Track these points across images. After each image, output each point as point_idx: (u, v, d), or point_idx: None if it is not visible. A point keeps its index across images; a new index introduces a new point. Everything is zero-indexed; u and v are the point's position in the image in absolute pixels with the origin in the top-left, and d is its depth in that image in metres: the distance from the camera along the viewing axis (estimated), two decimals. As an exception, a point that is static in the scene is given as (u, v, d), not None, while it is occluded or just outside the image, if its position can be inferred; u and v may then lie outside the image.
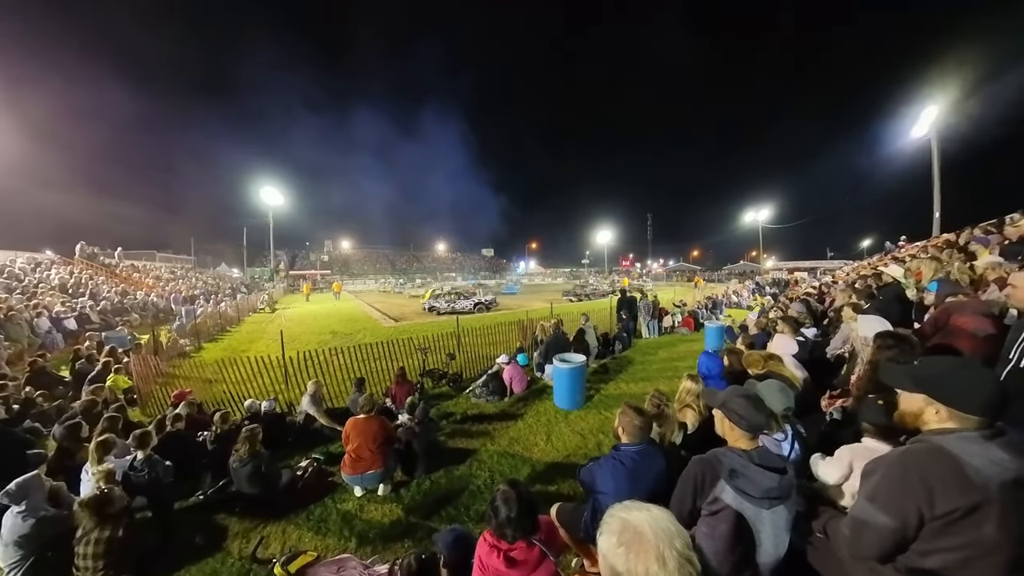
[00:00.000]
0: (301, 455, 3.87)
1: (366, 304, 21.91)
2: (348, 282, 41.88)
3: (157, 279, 19.99)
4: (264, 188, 35.43)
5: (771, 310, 8.76)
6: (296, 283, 38.92)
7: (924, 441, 1.14)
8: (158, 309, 14.64)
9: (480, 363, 6.95)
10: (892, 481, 1.11)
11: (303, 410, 4.44)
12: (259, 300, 20.36)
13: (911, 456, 1.12)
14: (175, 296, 16.59)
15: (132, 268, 20.43)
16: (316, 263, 52.72)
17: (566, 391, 5.19)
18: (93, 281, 14.75)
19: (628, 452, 1.92)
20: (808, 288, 12.01)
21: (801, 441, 1.97)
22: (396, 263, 64.28)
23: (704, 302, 14.06)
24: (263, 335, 11.90)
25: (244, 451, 3.09)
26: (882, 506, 1.11)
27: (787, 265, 47.27)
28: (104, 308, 12.15)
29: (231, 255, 43.55)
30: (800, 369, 3.06)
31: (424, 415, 3.90)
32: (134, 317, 12.69)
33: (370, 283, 42.89)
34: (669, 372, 6.66)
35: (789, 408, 2.07)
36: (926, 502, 1.04)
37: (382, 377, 5.94)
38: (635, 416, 1.96)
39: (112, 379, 5.48)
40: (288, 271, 47.53)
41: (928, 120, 17.23)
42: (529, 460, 3.78)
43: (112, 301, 13.06)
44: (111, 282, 15.98)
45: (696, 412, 2.79)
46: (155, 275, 20.85)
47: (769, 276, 30.36)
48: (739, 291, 19.60)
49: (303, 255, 57.99)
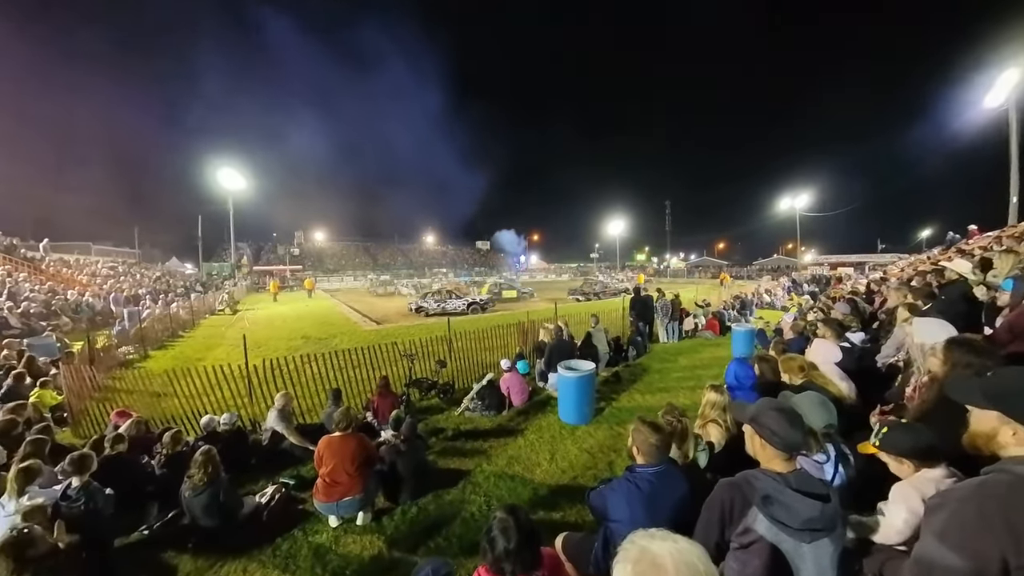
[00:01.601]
0: (267, 480, 3.88)
1: (343, 304, 21.96)
2: (322, 279, 41.82)
3: (93, 276, 19.96)
4: (222, 169, 34.94)
5: (810, 311, 8.83)
6: (261, 280, 38.85)
7: (1005, 471, 1.12)
8: (95, 311, 14.58)
9: (474, 371, 6.99)
10: (967, 519, 1.08)
11: (269, 427, 4.45)
12: (217, 300, 20.32)
13: (989, 489, 1.09)
14: (115, 296, 16.50)
15: (62, 263, 20.39)
16: (285, 257, 52.64)
17: (572, 403, 5.23)
18: (12, 279, 14.71)
19: (644, 474, 1.93)
20: (855, 286, 12.06)
21: (846, 464, 1.97)
22: (378, 257, 64.41)
23: (731, 302, 14.09)
24: (222, 341, 11.90)
25: (199, 477, 3.09)
26: (955, 547, 1.07)
27: (829, 259, 47.42)
28: (27, 311, 12.09)
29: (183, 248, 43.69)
30: (845, 380, 3.07)
31: (410, 431, 3.93)
32: (64, 321, 12.65)
33: (348, 280, 42.93)
34: (691, 382, 6.70)
35: (831, 425, 2.08)
36: (1012, 547, 1.00)
37: (362, 388, 5.96)
38: (651, 433, 1.96)
39: (37, 394, 5.46)
40: (252, 266, 47.42)
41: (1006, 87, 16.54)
42: (530, 482, 3.80)
43: (37, 302, 13.00)
44: (35, 280, 15.94)
45: (723, 428, 2.80)
46: (90, 271, 20.82)
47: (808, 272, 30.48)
48: (772, 289, 19.63)
49: (269, 248, 57.84)
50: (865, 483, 1.94)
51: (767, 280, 28.79)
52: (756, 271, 48.03)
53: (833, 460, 1.93)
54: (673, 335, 10.44)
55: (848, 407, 2.74)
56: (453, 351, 7.14)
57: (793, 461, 1.46)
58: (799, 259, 46.68)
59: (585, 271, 57.16)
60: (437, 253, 73.13)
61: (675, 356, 8.75)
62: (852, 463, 1.99)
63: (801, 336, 5.32)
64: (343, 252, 64.04)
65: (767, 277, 34.61)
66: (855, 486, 1.93)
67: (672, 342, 10.27)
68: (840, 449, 2.00)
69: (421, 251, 72.41)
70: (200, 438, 4.24)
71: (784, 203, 45.21)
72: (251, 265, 47.79)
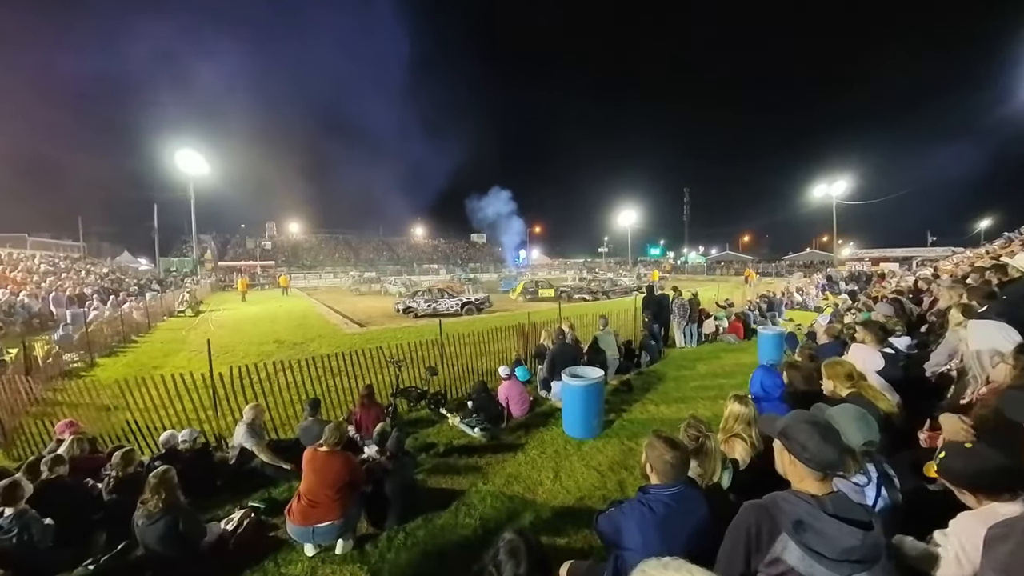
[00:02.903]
0: (234, 504, 3.88)
1: (322, 304, 22.03)
2: (298, 276, 41.98)
3: (29, 273, 19.85)
4: (181, 151, 34.84)
5: (848, 312, 8.86)
6: (228, 278, 38.97)
7: None
8: (31, 313, 14.51)
9: (469, 379, 7.05)
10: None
11: (238, 444, 4.46)
12: (177, 300, 20.32)
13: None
14: (56, 296, 16.48)
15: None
16: (255, 251, 52.82)
17: (579, 415, 5.27)
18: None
19: (659, 496, 1.93)
20: (900, 284, 12.09)
21: (890, 487, 1.98)
22: (361, 252, 64.57)
23: (757, 302, 14.15)
24: (183, 346, 11.93)
25: (154, 502, 3.07)
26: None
27: (870, 254, 47.62)
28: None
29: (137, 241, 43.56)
30: (888, 391, 3.08)
31: (397, 447, 3.94)
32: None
33: (327, 277, 43.11)
34: (711, 391, 6.75)
35: (872, 442, 2.07)
36: None
37: (343, 398, 6.01)
38: (666, 449, 1.96)
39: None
40: (217, 262, 47.54)
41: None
42: (532, 504, 3.83)
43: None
44: (-42, 278, 15.86)
45: (747, 444, 2.81)
46: (26, 267, 20.72)
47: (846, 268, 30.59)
48: (805, 288, 19.76)
49: (237, 241, 58.05)
50: (916, 508, 1.93)
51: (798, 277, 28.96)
52: (786, 267, 48.37)
53: (875, 482, 1.93)
54: (691, 339, 10.46)
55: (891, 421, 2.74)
56: (445, 357, 7.17)
57: (829, 482, 1.46)
58: (836, 253, 46.67)
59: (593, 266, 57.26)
60: (427, 247, 73.31)
61: (693, 362, 8.79)
62: (897, 485, 1.99)
63: (837, 341, 5.34)
64: (321, 245, 64.27)
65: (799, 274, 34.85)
66: (901, 511, 1.93)
67: (690, 347, 10.30)
68: (883, 470, 2.00)
69: (409, 245, 72.60)
70: (156, 457, 4.22)
71: (819, 190, 44.64)
72: (216, 260, 47.95)
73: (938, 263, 17.62)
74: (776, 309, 14.23)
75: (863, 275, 23.08)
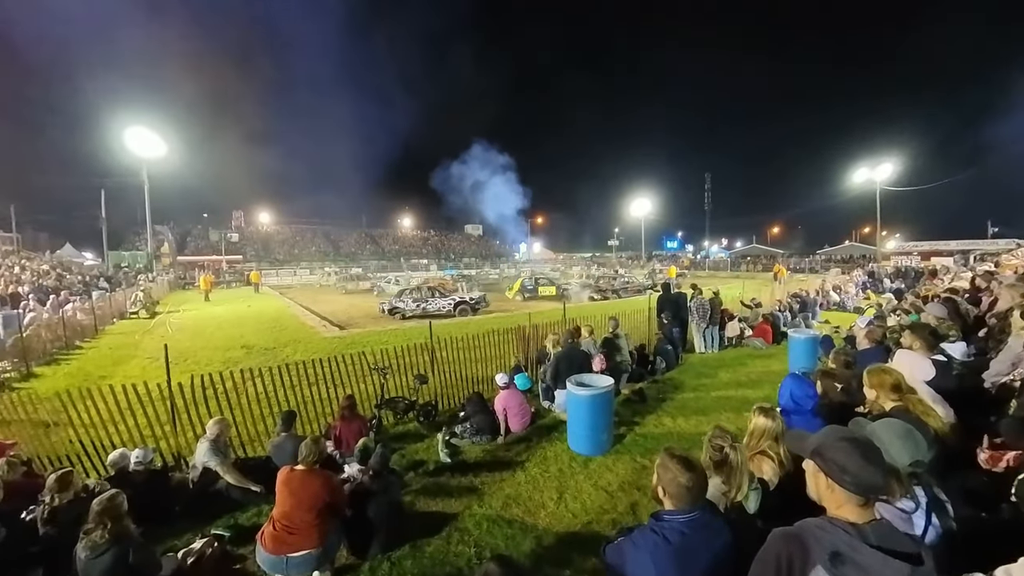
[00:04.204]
0: (195, 532, 3.87)
1: (297, 304, 22.15)
2: (270, 273, 42.05)
3: (-49, 269, 19.80)
4: (133, 128, 34.30)
5: (893, 314, 8.86)
6: (189, 274, 38.90)
7: None
8: (-46, 316, 14.47)
9: (463, 388, 7.11)
10: None
11: (199, 463, 4.45)
12: (129, 300, 20.29)
13: None
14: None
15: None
16: (220, 244, 52.55)
17: (586, 428, 5.30)
18: None
19: (674, 523, 1.93)
20: (955, 282, 12.09)
21: (942, 514, 1.96)
22: (341, 245, 64.81)
23: (788, 301, 14.19)
24: (136, 352, 11.95)
25: (100, 533, 3.02)
26: None
27: (920, 247, 47.72)
28: None
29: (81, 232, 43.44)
30: (940, 404, 3.07)
31: (382, 465, 3.95)
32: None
33: (303, 273, 43.36)
34: (735, 402, 6.79)
35: (920, 462, 2.06)
36: None
37: (321, 409, 6.04)
38: (680, 470, 1.95)
39: None
40: (175, 256, 47.50)
41: None
42: (533, 529, 3.85)
43: None
44: None
45: (776, 463, 2.81)
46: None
47: (891, 263, 30.66)
48: (843, 285, 19.77)
49: (199, 233, 58.11)
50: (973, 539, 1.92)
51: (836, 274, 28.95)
52: (822, 262, 48.21)
53: (924, 509, 1.92)
54: (712, 343, 10.49)
55: (944, 439, 2.73)
56: (436, 363, 7.20)
57: (871, 508, 1.45)
58: (879, 247, 46.52)
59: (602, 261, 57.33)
60: (416, 240, 73.39)
61: (715, 370, 8.83)
62: (950, 513, 1.98)
63: (879, 346, 5.32)
64: (296, 238, 64.34)
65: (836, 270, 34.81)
66: (955, 543, 1.92)
67: (711, 352, 10.34)
68: (933, 494, 1.99)
69: (395, 237, 72.65)
70: (105, 480, 4.22)
71: (860, 174, 44.56)
72: (174, 254, 47.92)
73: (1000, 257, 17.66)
74: (809, 310, 14.27)
75: (911, 271, 23.18)
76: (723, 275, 43.32)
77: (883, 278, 21.63)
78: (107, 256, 39.89)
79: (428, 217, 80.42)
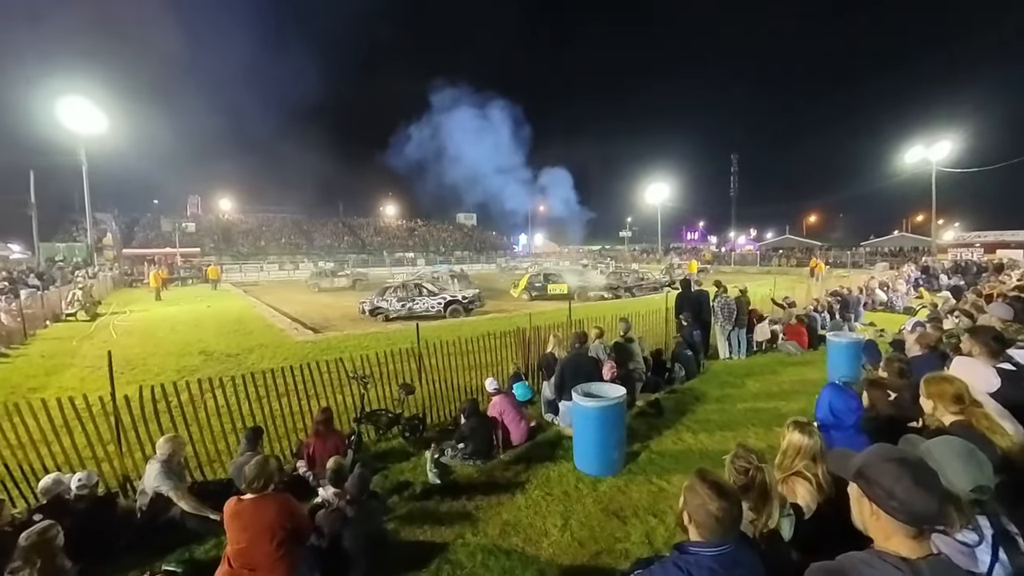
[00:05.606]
0: (143, 569, 3.84)
1: (264, 304, 22.11)
2: (232, 268, 42.06)
3: None
4: (68, 99, 33.55)
5: (950, 315, 8.83)
6: (137, 270, 38.72)
7: None
8: None
9: (454, 399, 7.10)
10: None
11: (149, 488, 4.42)
12: (66, 299, 20.10)
13: None
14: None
15: None
16: (173, 235, 52.32)
17: (594, 445, 5.31)
18: None
19: (701, 558, 1.89)
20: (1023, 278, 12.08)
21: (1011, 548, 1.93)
22: (315, 236, 64.80)
23: (827, 300, 14.18)
24: (73, 361, 11.86)
25: (28, 572, 3.01)
26: None
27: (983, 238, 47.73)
28: None
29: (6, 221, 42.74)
30: (1009, 420, 3.02)
31: (361, 487, 3.93)
32: None
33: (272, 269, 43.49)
34: (765, 416, 6.79)
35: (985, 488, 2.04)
36: None
37: (292, 425, 6.03)
38: (711, 497, 1.91)
39: None
40: (120, 249, 47.29)
41: None
42: (534, 561, 3.84)
43: None
44: None
45: (812, 486, 2.79)
46: None
47: (948, 257, 30.67)
48: (891, 282, 19.79)
49: (149, 222, 57.79)
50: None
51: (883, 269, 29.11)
52: (866, 255, 48.36)
53: (990, 542, 1.89)
54: (739, 348, 10.51)
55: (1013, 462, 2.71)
56: (424, 371, 7.21)
57: (926, 541, 1.43)
58: (935, 238, 46.44)
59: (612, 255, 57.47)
60: (401, 231, 73.36)
61: (741, 378, 8.84)
62: (1021, 547, 1.95)
63: (933, 352, 5.29)
64: (262, 228, 64.17)
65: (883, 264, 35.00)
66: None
67: (737, 358, 10.35)
68: (1000, 526, 1.97)
69: (377, 227, 72.59)
70: (37, 509, 4.14)
71: (913, 154, 43.87)
72: (119, 247, 47.67)
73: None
74: (852, 310, 14.24)
75: (972, 266, 23.23)
76: (751, 271, 43.47)
77: (939, 274, 21.66)
78: (38, 249, 39.00)
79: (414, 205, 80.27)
